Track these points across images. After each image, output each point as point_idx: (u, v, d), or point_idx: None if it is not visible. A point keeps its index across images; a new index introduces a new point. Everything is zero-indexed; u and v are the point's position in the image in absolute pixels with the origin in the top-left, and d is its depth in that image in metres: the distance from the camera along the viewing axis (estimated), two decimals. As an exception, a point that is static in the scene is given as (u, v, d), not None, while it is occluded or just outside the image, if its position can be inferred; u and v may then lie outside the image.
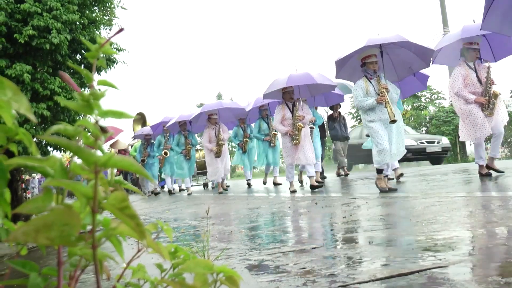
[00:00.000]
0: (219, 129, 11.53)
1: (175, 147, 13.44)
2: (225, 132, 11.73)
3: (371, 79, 6.64)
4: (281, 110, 8.57)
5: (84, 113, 0.78)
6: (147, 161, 15.44)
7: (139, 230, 0.73)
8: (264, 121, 11.98)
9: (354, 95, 6.71)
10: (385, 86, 6.43)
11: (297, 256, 2.65)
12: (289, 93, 8.55)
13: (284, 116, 8.50)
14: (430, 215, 3.64)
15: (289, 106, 8.56)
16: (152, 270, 1.25)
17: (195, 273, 0.97)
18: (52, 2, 7.22)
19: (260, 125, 12.02)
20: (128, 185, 1.08)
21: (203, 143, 11.95)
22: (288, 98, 8.56)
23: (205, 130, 11.82)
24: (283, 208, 5.86)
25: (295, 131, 8.27)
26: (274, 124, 8.69)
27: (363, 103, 6.50)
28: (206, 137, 11.70)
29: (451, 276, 1.83)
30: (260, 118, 12.06)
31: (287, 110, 8.54)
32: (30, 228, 0.68)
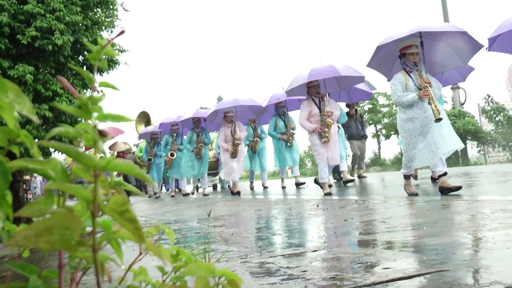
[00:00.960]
0: (235, 127, 10.75)
1: (187, 144, 12.73)
2: (241, 131, 10.92)
3: (410, 72, 6.02)
4: (307, 106, 7.92)
5: (83, 117, 0.78)
6: (154, 160, 14.75)
7: (138, 234, 0.73)
8: (281, 118, 11.37)
9: (392, 90, 6.04)
10: (428, 80, 5.83)
11: (298, 259, 2.65)
12: (314, 87, 7.94)
13: (311, 112, 7.86)
14: (432, 218, 3.64)
15: (316, 101, 7.92)
16: (154, 273, 1.24)
17: (197, 276, 0.97)
18: (55, 3, 7.23)
19: (276, 123, 11.40)
20: (128, 186, 1.07)
21: (218, 142, 11.24)
22: (314, 93, 7.94)
23: (221, 129, 11.10)
24: (284, 210, 5.86)
25: (324, 128, 7.67)
26: (301, 122, 7.94)
27: (402, 98, 5.87)
28: (221, 136, 10.97)
29: (453, 280, 1.83)
30: (276, 115, 11.43)
31: (314, 105, 7.90)
32: (31, 232, 0.68)
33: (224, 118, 10.93)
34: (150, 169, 14.69)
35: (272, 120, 11.44)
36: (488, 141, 27.25)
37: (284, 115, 11.33)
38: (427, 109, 5.73)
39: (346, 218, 4.29)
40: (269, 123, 11.52)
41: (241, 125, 11.04)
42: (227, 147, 10.71)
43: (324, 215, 4.82)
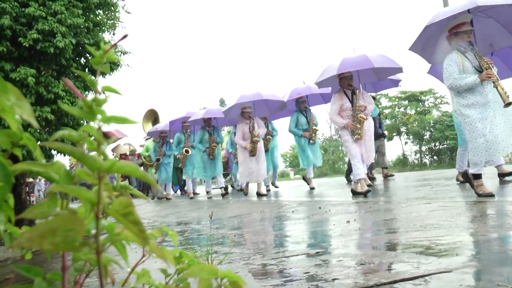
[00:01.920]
0: (254, 124, 10.00)
1: (198, 144, 12.06)
2: (260, 127, 10.11)
3: (465, 53, 5.26)
4: (338, 100, 7.21)
5: (87, 119, 0.78)
6: (163, 160, 14.07)
7: (142, 236, 0.73)
8: (302, 114, 10.63)
9: (448, 72, 5.20)
10: (489, 61, 5.12)
11: (300, 260, 2.64)
12: (346, 79, 7.24)
13: (342, 106, 7.17)
14: (434, 219, 3.63)
15: (348, 94, 7.22)
16: (157, 275, 1.24)
17: (200, 278, 0.97)
18: (57, 6, 7.26)
19: (298, 119, 10.63)
20: (132, 190, 1.07)
21: (235, 140, 10.45)
22: (345, 85, 7.24)
23: (238, 126, 10.28)
24: (286, 212, 5.86)
25: (356, 124, 7.00)
26: (331, 116, 7.28)
27: (460, 81, 5.09)
28: (239, 133, 10.16)
29: (455, 282, 1.82)
30: (298, 111, 10.69)
31: (345, 99, 7.20)
32: (34, 234, 0.68)
33: (242, 114, 10.21)
34: (158, 169, 14.14)
35: (293, 116, 10.74)
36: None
37: (305, 111, 10.65)
38: (487, 94, 5.02)
39: (348, 219, 4.28)
40: (290, 119, 10.80)
41: (260, 121, 10.33)
42: (245, 145, 9.99)
43: (326, 217, 4.82)
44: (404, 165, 27.23)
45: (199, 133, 12.15)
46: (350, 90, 7.21)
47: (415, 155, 29.29)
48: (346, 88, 7.24)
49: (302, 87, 10.68)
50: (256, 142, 9.87)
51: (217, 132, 12.19)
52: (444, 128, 26.33)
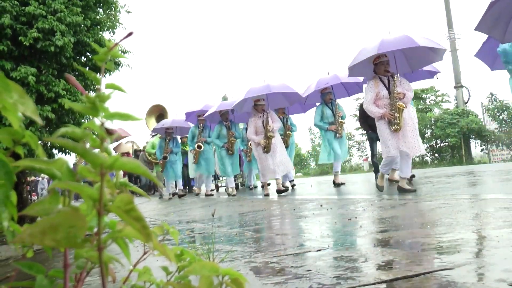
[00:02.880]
0: (268, 117, 9.24)
1: (215, 140, 11.44)
2: (274, 121, 9.37)
3: None
4: (373, 87, 6.55)
5: (90, 115, 0.78)
6: (170, 158, 13.46)
7: (145, 232, 0.73)
8: (328, 106, 10.01)
9: None
10: None
11: (302, 258, 2.65)
12: (383, 64, 6.57)
13: (378, 94, 6.53)
14: (436, 217, 3.63)
15: (385, 81, 6.54)
16: (158, 273, 1.25)
17: (201, 275, 0.97)
18: (56, 4, 7.26)
19: (323, 112, 10.01)
20: (134, 187, 1.08)
21: (248, 135, 9.59)
22: (382, 71, 6.58)
23: (250, 120, 9.50)
24: (288, 210, 5.86)
25: (395, 113, 6.33)
26: (366, 105, 6.62)
27: None
28: (251, 128, 9.37)
29: (457, 279, 1.83)
30: (323, 103, 10.08)
31: (382, 86, 6.54)
32: (36, 230, 0.68)
33: (254, 107, 9.48)
34: (164, 167, 13.59)
35: (318, 109, 10.09)
36: (492, 140, 27.24)
37: (331, 103, 10.02)
38: None
39: (350, 217, 4.28)
40: (315, 112, 10.15)
41: (274, 114, 9.56)
42: (259, 141, 9.19)
43: (328, 214, 4.82)
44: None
45: (216, 128, 11.54)
46: (386, 76, 6.58)
47: (417, 152, 29.27)
48: (382, 75, 6.60)
49: (327, 77, 10.09)
50: (270, 137, 9.04)
51: (235, 127, 11.55)
52: (445, 126, 26.32)
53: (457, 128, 25.37)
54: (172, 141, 13.57)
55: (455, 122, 25.72)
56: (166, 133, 13.48)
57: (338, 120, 9.89)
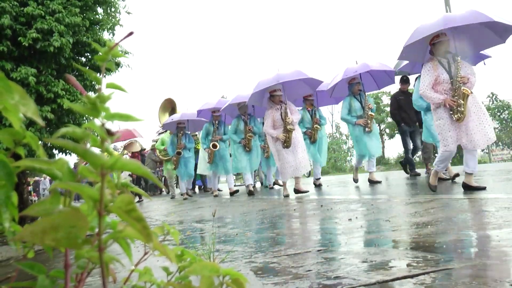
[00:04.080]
0: (286, 109, 8.22)
1: (232, 135, 10.56)
2: (294, 113, 8.35)
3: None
4: (431, 70, 5.70)
5: (91, 116, 0.78)
6: (183, 154, 12.41)
7: (145, 232, 0.73)
8: (356, 98, 9.12)
9: None
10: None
11: (302, 258, 2.65)
12: (443, 44, 5.73)
13: (437, 78, 5.68)
14: (435, 217, 3.63)
15: (444, 64, 5.68)
16: (159, 273, 1.25)
17: (201, 275, 0.98)
18: (55, 5, 7.25)
19: (351, 104, 9.12)
20: (135, 188, 1.08)
21: (265, 129, 8.50)
22: (442, 53, 5.73)
23: (267, 113, 8.47)
24: (288, 210, 5.86)
25: (458, 100, 5.46)
26: (423, 90, 5.68)
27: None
28: (268, 121, 8.36)
29: (457, 279, 1.83)
30: (351, 95, 9.17)
31: (441, 69, 5.70)
32: (37, 229, 0.68)
33: (270, 99, 8.50)
34: (178, 164, 12.61)
35: (346, 101, 9.19)
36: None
37: (360, 94, 9.10)
38: None
39: (350, 217, 4.28)
40: (342, 104, 9.26)
41: (293, 106, 8.57)
42: (277, 135, 8.20)
43: (329, 214, 4.82)
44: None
45: (233, 122, 10.69)
46: (446, 58, 5.75)
47: (417, 153, 29.30)
48: (441, 56, 5.77)
49: (356, 67, 9.11)
50: (290, 131, 8.09)
51: (254, 121, 10.55)
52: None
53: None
54: (185, 136, 12.57)
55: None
56: (177, 128, 12.47)
57: (367, 113, 8.96)
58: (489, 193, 5.00)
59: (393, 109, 10.27)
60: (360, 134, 9.01)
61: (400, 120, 9.93)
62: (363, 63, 9.10)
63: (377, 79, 9.72)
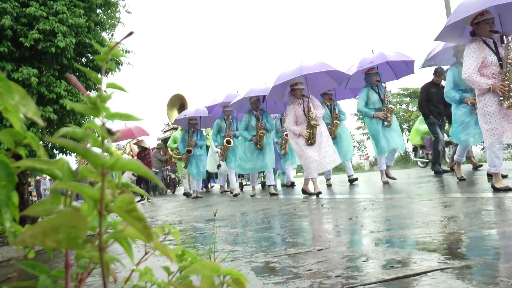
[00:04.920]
0: (309, 103, 7.60)
1: (243, 131, 9.66)
2: (317, 108, 7.72)
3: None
4: (477, 52, 5.09)
5: (91, 115, 0.79)
6: (194, 152, 11.83)
7: (146, 232, 0.74)
8: (374, 90, 8.55)
9: None
10: None
11: (303, 257, 2.65)
12: (488, 23, 5.14)
13: (484, 61, 5.07)
14: (436, 216, 3.63)
15: (490, 45, 5.09)
16: (159, 273, 1.25)
17: (202, 275, 0.98)
18: (58, 6, 7.26)
19: (369, 96, 8.53)
20: (135, 188, 1.08)
21: (286, 126, 7.92)
22: (486, 33, 5.15)
23: (289, 108, 7.83)
24: (289, 209, 5.86)
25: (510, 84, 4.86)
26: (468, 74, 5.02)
27: None
28: (290, 117, 7.74)
29: (458, 278, 1.83)
30: (368, 86, 8.60)
31: (488, 51, 5.10)
32: (37, 230, 0.69)
33: (292, 93, 7.87)
34: (189, 162, 12.02)
35: (363, 93, 8.59)
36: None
37: (378, 86, 8.55)
38: None
39: (351, 216, 4.29)
40: (359, 96, 8.73)
41: (316, 100, 7.92)
42: (301, 132, 7.58)
43: (329, 213, 4.82)
44: (406, 162, 27.20)
45: (244, 118, 9.78)
46: (491, 39, 5.16)
47: (417, 152, 29.26)
48: (487, 37, 5.17)
49: (372, 56, 8.64)
50: (314, 126, 7.49)
51: (267, 117, 9.78)
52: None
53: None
54: (196, 133, 12.00)
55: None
56: (189, 124, 11.90)
57: (386, 105, 8.37)
58: (489, 192, 5.00)
59: (422, 100, 9.78)
60: (378, 128, 8.40)
61: (429, 113, 9.54)
62: (379, 53, 8.65)
63: (395, 69, 9.24)
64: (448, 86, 6.76)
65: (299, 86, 7.72)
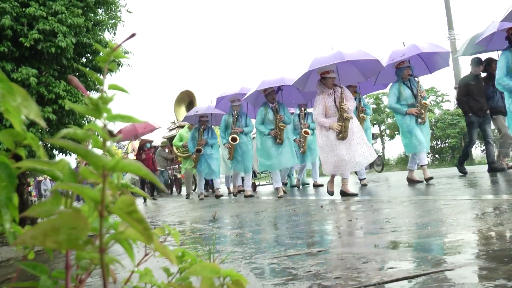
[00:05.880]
0: (342, 93, 6.92)
1: (259, 126, 8.89)
2: (348, 100, 6.98)
3: None
4: None
5: (93, 117, 0.78)
6: (205, 151, 11.21)
7: (147, 234, 0.74)
8: (405, 85, 7.88)
9: None
10: None
11: (302, 259, 2.65)
12: None
13: None
14: (436, 218, 3.63)
15: None
16: (159, 274, 1.25)
17: (202, 277, 0.98)
18: (57, 6, 7.27)
19: (400, 91, 7.83)
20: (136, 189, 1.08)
21: (315, 118, 7.12)
22: None
23: (318, 98, 7.11)
24: (288, 211, 5.86)
25: None
26: None
27: None
28: (319, 107, 7.02)
29: (458, 280, 1.83)
30: (400, 80, 7.92)
31: None
32: (38, 231, 0.69)
33: (322, 82, 7.14)
34: (198, 162, 11.37)
35: (394, 88, 7.95)
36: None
37: (410, 80, 7.88)
38: None
39: (350, 218, 4.28)
40: (390, 92, 8.07)
41: (347, 91, 7.14)
42: (332, 125, 6.85)
43: (329, 215, 4.82)
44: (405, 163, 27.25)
45: (260, 111, 9.01)
46: None
47: (417, 153, 29.29)
48: None
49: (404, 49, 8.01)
50: (347, 119, 6.78)
51: (284, 109, 9.01)
52: (445, 126, 26.29)
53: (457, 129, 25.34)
54: (207, 131, 11.37)
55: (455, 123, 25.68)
56: (200, 122, 11.35)
57: (420, 101, 7.75)
58: (490, 194, 5.00)
59: (460, 95, 9.01)
60: (412, 125, 7.72)
61: (469, 109, 8.79)
62: (411, 44, 8.07)
63: (428, 62, 8.56)
64: (500, 73, 6.28)
65: (331, 75, 7.05)
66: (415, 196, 5.83)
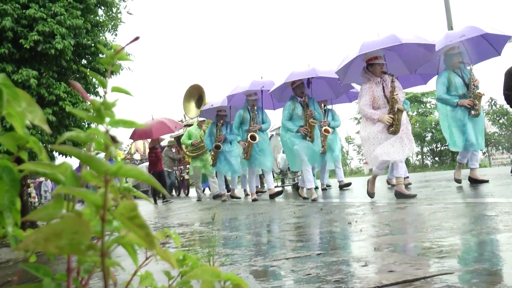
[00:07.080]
0: (393, 82, 6.11)
1: (287, 122, 7.81)
2: (399, 90, 6.21)
3: None
4: None
5: (95, 122, 0.79)
6: (223, 148, 10.20)
7: (148, 240, 0.74)
8: (456, 73, 6.88)
9: None
10: None
11: (302, 262, 2.65)
12: None
13: None
14: (436, 221, 3.63)
15: None
16: (159, 277, 1.25)
17: (203, 280, 0.98)
18: (57, 8, 7.27)
19: (450, 81, 6.86)
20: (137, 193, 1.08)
21: (361, 108, 6.29)
22: None
23: (364, 87, 6.28)
24: (288, 214, 5.86)
25: None
26: None
27: None
28: (366, 97, 6.21)
29: (457, 283, 1.83)
30: (449, 69, 6.97)
31: None
32: (39, 236, 0.69)
33: (369, 69, 6.31)
34: (217, 159, 10.39)
35: (443, 77, 6.93)
36: (492, 143, 27.22)
37: (460, 68, 6.90)
38: None
39: (350, 221, 4.29)
40: (437, 81, 7.03)
41: (397, 81, 6.26)
42: (381, 117, 6.06)
43: (328, 218, 4.82)
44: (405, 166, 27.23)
45: (287, 106, 7.95)
46: None
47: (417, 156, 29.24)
48: None
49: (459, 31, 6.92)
50: (400, 111, 5.99)
51: (314, 104, 7.96)
52: (445, 129, 26.31)
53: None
54: (226, 126, 10.39)
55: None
56: (217, 117, 10.42)
57: (473, 90, 6.74)
58: (489, 197, 5.00)
59: (506, 89, 7.93)
60: (463, 118, 6.77)
61: None
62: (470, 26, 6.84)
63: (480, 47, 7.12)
64: None
65: (380, 61, 6.23)
66: (414, 199, 5.82)
